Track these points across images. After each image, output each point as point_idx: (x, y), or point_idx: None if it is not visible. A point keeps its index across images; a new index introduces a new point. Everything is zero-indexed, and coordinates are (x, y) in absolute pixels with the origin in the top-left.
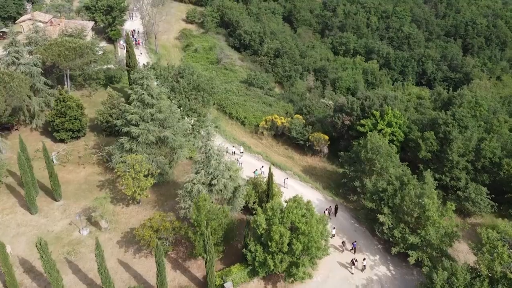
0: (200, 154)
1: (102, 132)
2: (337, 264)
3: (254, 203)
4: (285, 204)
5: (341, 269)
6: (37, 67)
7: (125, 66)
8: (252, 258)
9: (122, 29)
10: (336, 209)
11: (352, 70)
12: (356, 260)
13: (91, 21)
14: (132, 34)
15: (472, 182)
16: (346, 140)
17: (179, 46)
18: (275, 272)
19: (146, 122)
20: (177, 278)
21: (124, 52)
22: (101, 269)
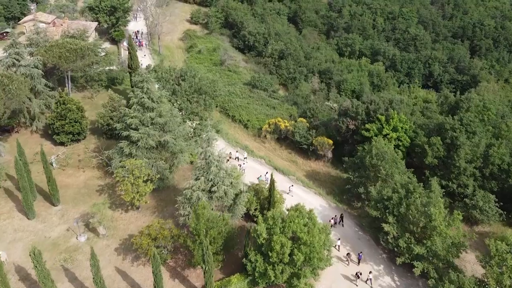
0: (200, 160)
1: (103, 135)
2: (341, 276)
3: (256, 210)
4: (287, 213)
5: (345, 281)
6: (37, 69)
7: (127, 68)
8: (252, 268)
9: (126, 29)
10: (342, 218)
11: (358, 72)
12: (361, 273)
13: (95, 21)
14: (135, 35)
15: (479, 189)
16: (350, 145)
17: (182, 47)
18: (276, 283)
19: (146, 126)
20: None
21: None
22: (97, 279)
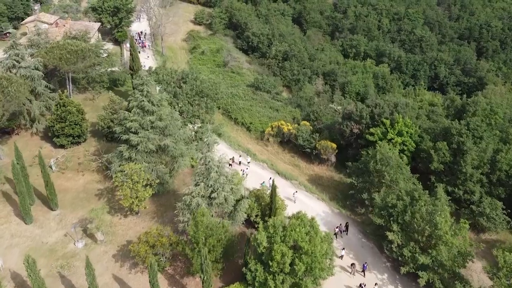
0: (200, 165)
1: (104, 138)
2: (345, 287)
3: (257, 216)
4: (288, 221)
5: None
6: (38, 70)
7: (129, 69)
8: (252, 277)
9: (129, 30)
10: (347, 227)
11: (363, 74)
12: (365, 285)
13: (98, 22)
14: (139, 36)
15: (486, 196)
16: (354, 149)
17: (186, 48)
18: None
19: (146, 130)
20: None
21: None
22: None
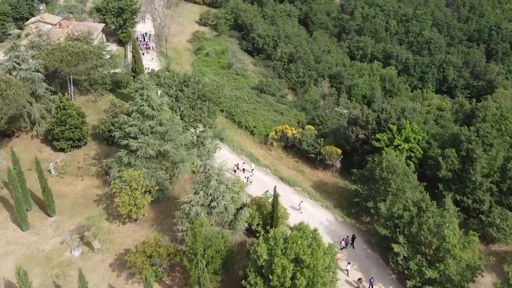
0: (199, 173)
1: (104, 141)
2: None
3: (258, 225)
4: (290, 232)
5: None
6: (39, 72)
7: (131, 71)
8: None
9: (134, 31)
10: (353, 240)
11: (369, 76)
12: None
13: (102, 23)
14: (143, 38)
15: (496, 205)
16: (360, 155)
17: (191, 49)
18: None
19: (145, 135)
20: None
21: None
22: None
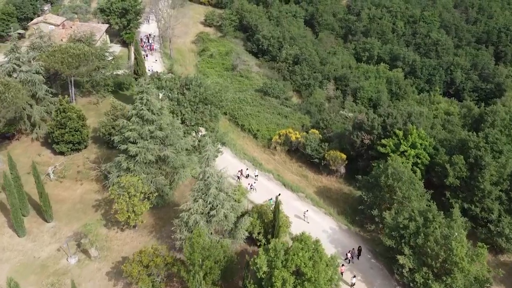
0: (198, 181)
1: (105, 145)
2: None
3: (259, 234)
4: (292, 242)
5: None
6: (39, 74)
7: (133, 73)
8: None
9: (138, 31)
10: (360, 251)
11: (375, 79)
12: None
13: (106, 23)
14: (147, 39)
15: (506, 214)
16: (365, 160)
17: (195, 51)
18: None
19: (145, 140)
20: None
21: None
22: None
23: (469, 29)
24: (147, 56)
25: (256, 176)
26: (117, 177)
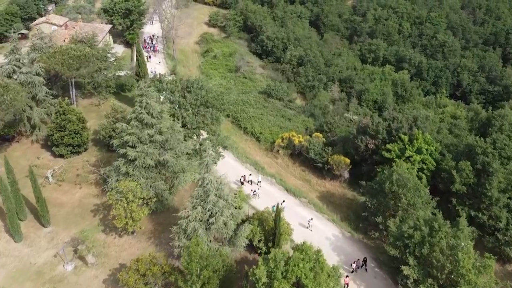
0: (197, 187)
1: (105, 147)
2: None
3: (260, 241)
4: (291, 252)
5: None
6: (39, 76)
7: (135, 75)
8: None
9: (142, 32)
10: (365, 262)
11: (381, 81)
12: None
13: (109, 24)
14: (151, 40)
15: None
16: (369, 165)
17: (198, 52)
18: None
19: (144, 144)
20: None
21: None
22: None
23: (476, 30)
24: (150, 57)
25: (259, 182)
26: (116, 181)
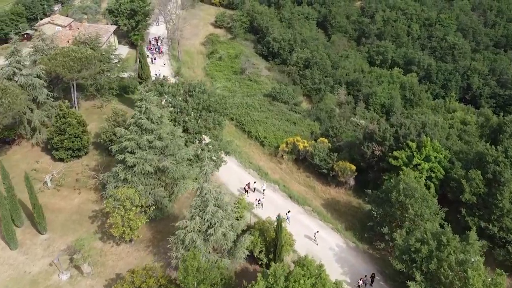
0: (196, 197)
1: (106, 151)
2: None
3: (261, 252)
4: (293, 266)
5: None
6: (40, 78)
7: (137, 77)
8: None
9: (147, 33)
10: (373, 279)
11: (389, 84)
12: None
13: (114, 25)
14: (156, 41)
15: None
16: (376, 172)
17: (204, 53)
18: None
19: (143, 150)
20: None
21: (147, 60)
22: None
23: (487, 32)
24: (155, 59)
25: (263, 190)
26: (115, 187)
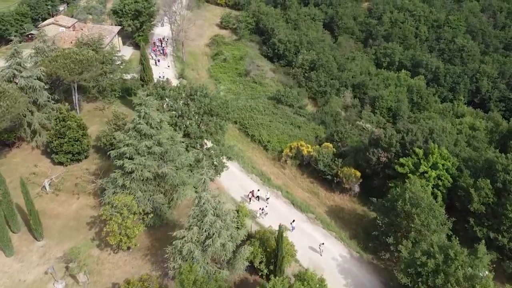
0: (194, 206)
1: (106, 155)
2: None
3: (261, 263)
4: (293, 279)
5: None
6: (40, 80)
7: (140, 80)
8: None
9: (152, 33)
10: None
11: (396, 87)
12: None
13: (118, 25)
14: (160, 42)
15: None
16: (381, 179)
17: (208, 54)
18: None
19: (142, 156)
20: None
21: (151, 62)
22: None
23: (496, 34)
24: (159, 61)
25: (267, 199)
26: (113, 193)
